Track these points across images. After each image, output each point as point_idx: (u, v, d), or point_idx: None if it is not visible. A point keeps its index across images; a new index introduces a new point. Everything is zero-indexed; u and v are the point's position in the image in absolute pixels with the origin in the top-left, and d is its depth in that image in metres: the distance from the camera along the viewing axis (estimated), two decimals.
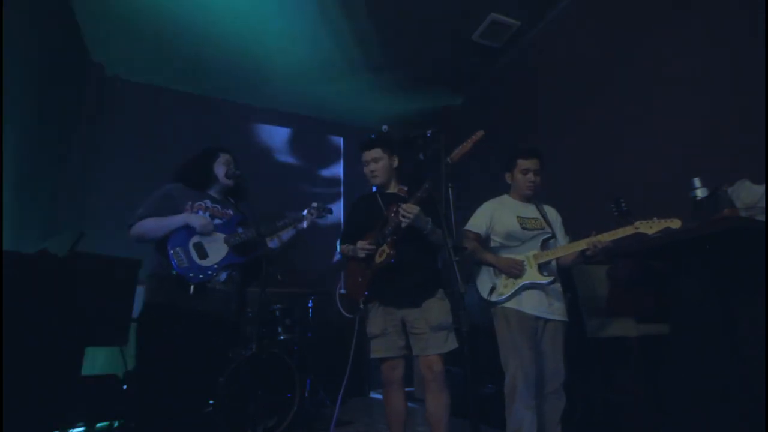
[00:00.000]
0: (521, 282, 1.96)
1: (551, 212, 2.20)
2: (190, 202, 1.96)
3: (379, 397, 4.00)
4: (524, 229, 2.07)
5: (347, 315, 2.07)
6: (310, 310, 3.44)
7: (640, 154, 2.79)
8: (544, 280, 1.96)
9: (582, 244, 1.90)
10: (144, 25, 3.71)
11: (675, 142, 2.58)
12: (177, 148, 4.41)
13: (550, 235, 2.06)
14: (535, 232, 2.07)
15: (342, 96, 4.90)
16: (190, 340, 1.78)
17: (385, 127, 2.13)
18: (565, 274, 2.24)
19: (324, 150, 5.36)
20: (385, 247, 1.91)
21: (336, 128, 5.41)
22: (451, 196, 1.66)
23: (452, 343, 1.83)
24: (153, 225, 1.87)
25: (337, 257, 4.64)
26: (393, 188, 2.09)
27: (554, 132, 3.59)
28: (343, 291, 2.10)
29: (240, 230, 2.02)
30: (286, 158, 5.08)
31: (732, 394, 1.62)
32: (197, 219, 1.90)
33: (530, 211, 2.14)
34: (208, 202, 2.03)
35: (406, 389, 1.98)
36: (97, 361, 2.96)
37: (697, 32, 2.55)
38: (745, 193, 1.76)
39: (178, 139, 4.26)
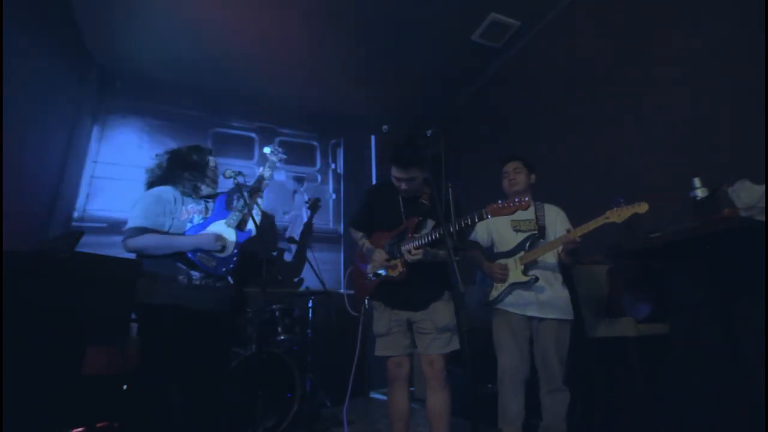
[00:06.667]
0: (507, 283, 2.13)
1: (551, 211, 2.26)
2: (184, 207, 2.00)
3: (380, 397, 4.01)
4: (517, 231, 2.20)
5: (353, 313, 2.10)
6: (310, 310, 3.43)
7: (640, 154, 2.79)
8: (526, 279, 2.07)
9: (558, 242, 2.01)
10: (144, 24, 3.71)
11: (675, 142, 2.58)
12: (176, 146, 4.44)
13: (537, 235, 2.16)
14: (527, 234, 2.17)
15: (342, 96, 4.89)
16: (186, 340, 1.79)
17: (385, 128, 2.12)
18: (566, 274, 2.25)
19: (324, 149, 5.35)
20: (398, 262, 1.92)
21: (336, 128, 5.40)
22: (451, 196, 1.66)
23: (454, 344, 1.86)
24: (157, 243, 1.87)
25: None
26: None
27: (554, 132, 3.59)
28: (343, 291, 2.11)
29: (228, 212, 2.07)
30: (285, 158, 5.07)
31: (732, 394, 1.62)
32: (207, 241, 1.94)
33: (527, 213, 2.19)
34: (202, 205, 2.07)
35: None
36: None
37: (698, 32, 2.55)
38: (745, 193, 1.76)
39: (178, 138, 4.26)
